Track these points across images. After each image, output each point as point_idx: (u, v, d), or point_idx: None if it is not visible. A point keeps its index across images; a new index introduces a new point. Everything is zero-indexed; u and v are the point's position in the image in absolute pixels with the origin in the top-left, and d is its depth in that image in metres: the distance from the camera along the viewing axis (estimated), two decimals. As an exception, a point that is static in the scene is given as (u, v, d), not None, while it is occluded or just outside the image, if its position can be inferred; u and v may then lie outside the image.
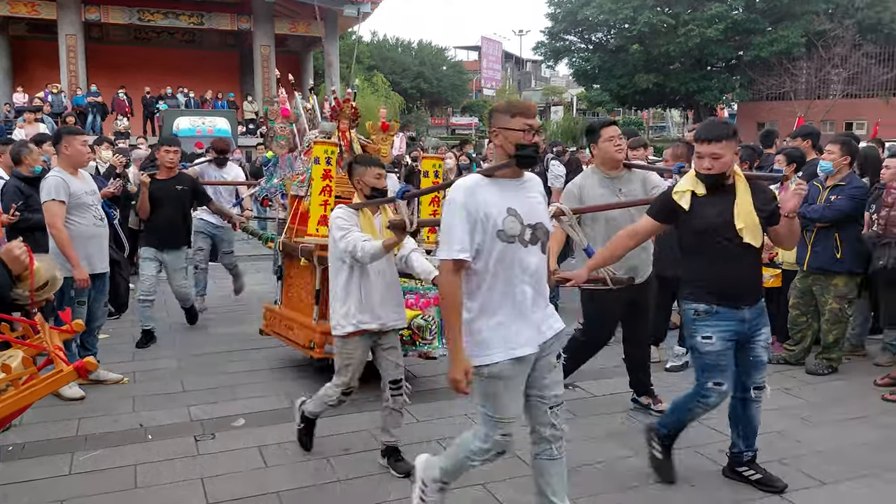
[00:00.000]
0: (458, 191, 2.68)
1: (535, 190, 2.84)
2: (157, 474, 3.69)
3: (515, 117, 2.69)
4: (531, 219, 2.73)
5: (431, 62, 46.41)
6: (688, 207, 3.31)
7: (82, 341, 4.98)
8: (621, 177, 4.28)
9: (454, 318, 2.67)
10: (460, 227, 2.63)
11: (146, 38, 27.87)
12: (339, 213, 3.63)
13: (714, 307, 3.31)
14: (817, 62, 27.97)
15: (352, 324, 3.59)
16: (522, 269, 2.70)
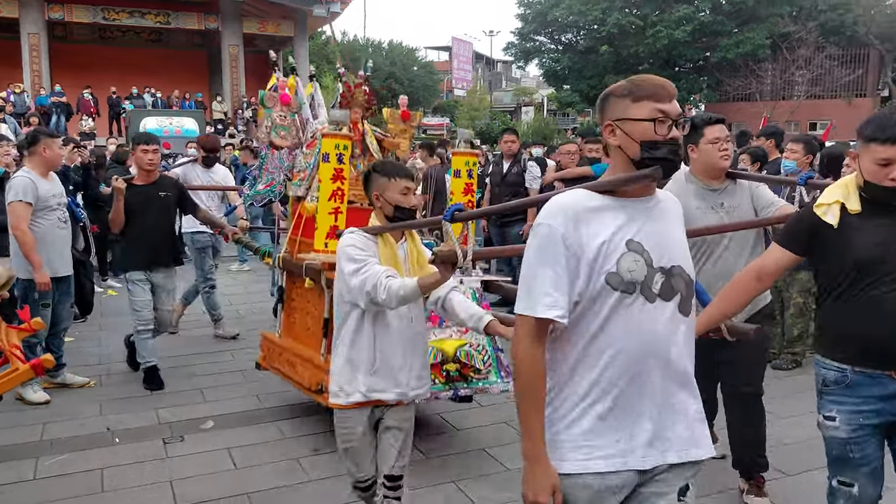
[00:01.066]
0: (555, 213, 1.76)
1: (671, 215, 1.88)
2: (125, 478, 3.64)
3: (641, 101, 1.78)
4: (664, 259, 1.79)
5: (402, 62, 46.36)
6: (836, 225, 2.37)
7: (48, 344, 4.89)
8: (724, 189, 3.32)
9: (534, 403, 1.77)
10: (553, 269, 1.73)
11: (111, 38, 27.45)
12: (350, 239, 2.67)
13: (848, 375, 2.40)
14: (782, 64, 28.53)
15: (360, 391, 2.65)
16: (646, 339, 1.75)
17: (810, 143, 5.29)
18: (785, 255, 2.51)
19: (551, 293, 1.72)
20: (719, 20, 30.14)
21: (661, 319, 1.77)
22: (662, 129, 1.76)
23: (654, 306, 1.76)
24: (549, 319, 1.73)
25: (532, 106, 52.86)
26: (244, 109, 24.77)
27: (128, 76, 24.79)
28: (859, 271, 2.34)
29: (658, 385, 1.77)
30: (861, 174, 2.36)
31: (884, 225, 2.32)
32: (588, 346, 1.76)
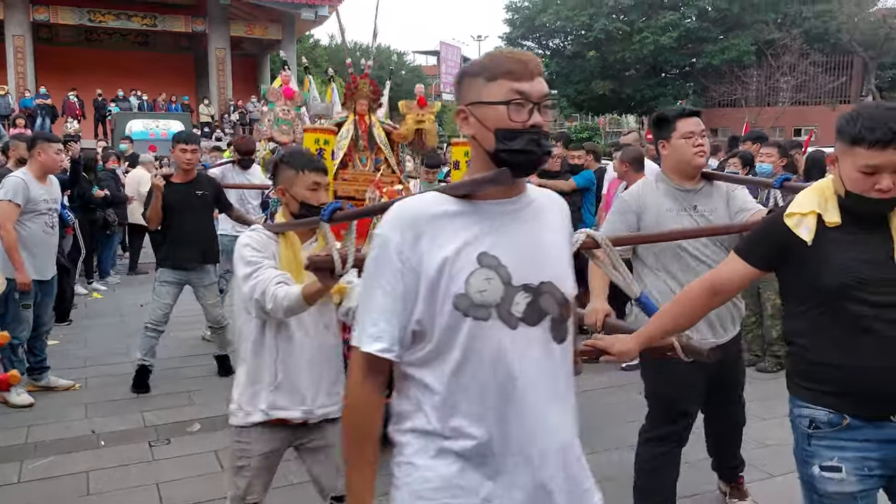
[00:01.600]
0: (392, 222, 1.46)
1: (547, 218, 1.57)
2: (111, 480, 3.62)
3: (495, 80, 1.45)
4: (530, 275, 1.47)
5: (390, 67, 46.42)
6: (811, 241, 1.95)
7: (30, 347, 4.87)
8: (699, 190, 2.95)
9: (358, 457, 1.48)
10: (383, 290, 1.44)
11: (97, 40, 27.32)
12: (247, 238, 2.41)
13: (845, 418, 1.95)
14: (767, 70, 28.79)
15: (260, 409, 2.38)
16: (511, 371, 1.44)
17: (784, 147, 5.44)
18: (746, 269, 2.07)
19: (378, 322, 1.43)
20: (705, 27, 30.41)
21: (528, 349, 1.45)
22: (520, 115, 1.42)
23: (517, 333, 1.44)
24: (374, 356, 1.43)
25: (519, 111, 52.98)
26: (231, 113, 24.71)
27: (114, 78, 24.67)
28: (836, 298, 1.91)
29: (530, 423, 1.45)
30: (841, 181, 1.92)
31: (867, 241, 1.90)
32: (452, 382, 1.43)
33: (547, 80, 1.53)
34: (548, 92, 1.48)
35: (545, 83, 1.47)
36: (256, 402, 2.38)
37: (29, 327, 4.73)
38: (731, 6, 29.60)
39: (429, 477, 1.44)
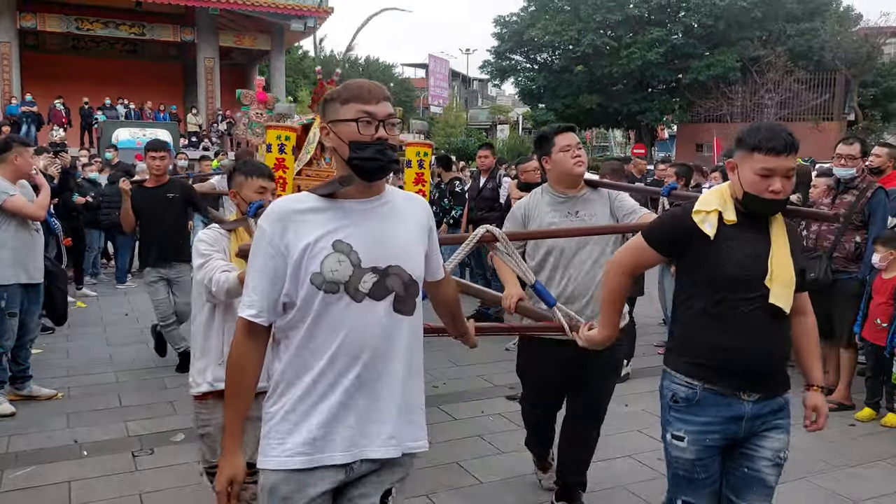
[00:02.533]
0: (267, 216, 1.82)
1: (401, 214, 1.89)
2: (93, 491, 3.58)
3: (348, 104, 1.82)
4: (377, 259, 1.80)
5: (379, 78, 46.41)
6: (713, 236, 2.22)
7: (14, 355, 4.81)
8: (580, 196, 3.26)
9: (233, 399, 1.86)
10: (256, 271, 1.80)
11: (85, 48, 27.20)
12: (203, 235, 2.84)
13: (697, 392, 2.28)
14: (752, 86, 29.11)
15: (207, 381, 2.73)
16: (353, 336, 1.78)
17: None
18: (655, 255, 2.39)
19: (251, 294, 1.82)
20: (691, 43, 30.76)
21: (372, 319, 1.79)
22: (368, 130, 1.80)
23: (362, 305, 1.79)
24: (249, 321, 1.81)
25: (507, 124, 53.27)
26: (219, 122, 24.65)
27: (101, 87, 24.56)
28: (730, 286, 2.21)
29: (369, 379, 1.80)
30: (739, 185, 2.23)
31: (755, 241, 2.22)
32: (305, 341, 1.80)
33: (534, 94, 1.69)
34: (392, 112, 1.85)
35: (391, 106, 1.85)
36: (205, 376, 2.75)
37: (14, 336, 4.68)
38: (717, 23, 29.98)
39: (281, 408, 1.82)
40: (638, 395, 5.12)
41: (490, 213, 7.13)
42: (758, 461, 2.31)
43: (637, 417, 4.72)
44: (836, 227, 4.96)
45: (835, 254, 4.94)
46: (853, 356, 4.97)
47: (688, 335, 2.35)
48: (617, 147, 49.77)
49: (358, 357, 1.79)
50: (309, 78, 40.29)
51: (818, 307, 5.12)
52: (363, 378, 1.80)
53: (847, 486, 3.73)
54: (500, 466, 3.93)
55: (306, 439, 1.79)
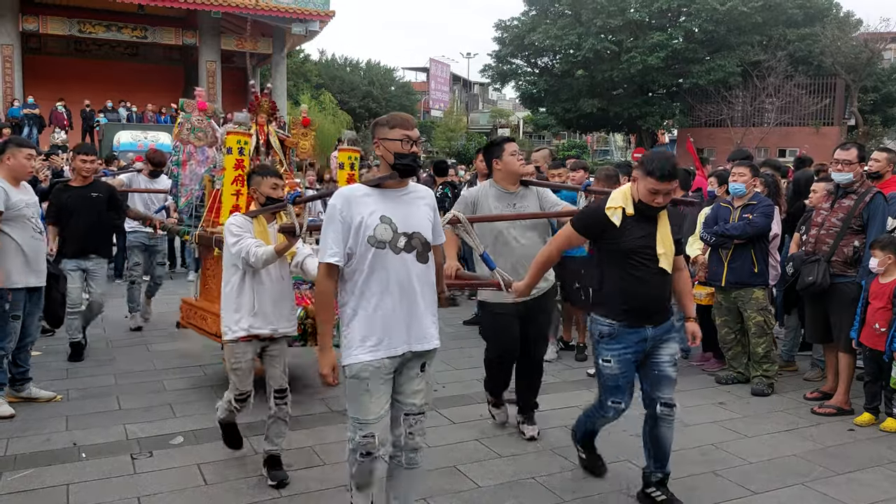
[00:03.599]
0: (337, 198, 2.87)
1: (419, 201, 2.96)
2: (92, 493, 3.58)
3: (394, 129, 2.87)
4: (407, 227, 2.85)
5: (380, 82, 46.53)
6: (619, 224, 3.33)
7: (14, 357, 4.80)
8: (518, 193, 4.32)
9: (324, 316, 2.94)
10: (333, 232, 2.82)
11: (87, 51, 27.26)
12: (233, 220, 3.78)
13: (616, 328, 3.39)
14: (752, 91, 29.11)
15: (243, 329, 3.64)
16: (396, 275, 2.82)
17: (755, 167, 5.56)
18: (578, 237, 3.52)
19: (331, 247, 2.81)
20: (692, 48, 30.74)
21: (405, 264, 2.84)
22: (406, 147, 2.85)
23: (399, 256, 2.83)
24: (332, 264, 2.81)
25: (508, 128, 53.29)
26: (220, 125, 24.64)
27: (103, 89, 24.60)
28: (629, 257, 3.34)
29: (411, 305, 2.85)
30: (637, 191, 3.33)
31: (646, 226, 3.36)
32: (365, 281, 2.83)
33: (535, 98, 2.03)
34: (419, 136, 2.93)
35: (418, 132, 2.93)
36: (241, 325, 3.65)
37: (15, 338, 4.68)
38: (717, 28, 29.97)
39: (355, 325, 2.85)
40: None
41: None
42: (662, 364, 3.48)
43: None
44: (835, 231, 4.97)
45: (833, 258, 4.94)
46: (852, 361, 4.96)
47: (607, 291, 3.44)
48: (618, 151, 49.76)
49: (398, 287, 2.83)
50: (310, 82, 40.32)
51: (817, 311, 5.19)
52: (402, 300, 2.83)
53: (846, 492, 3.72)
54: (499, 470, 3.93)
55: (375, 343, 2.81)
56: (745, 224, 5.27)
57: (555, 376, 5.70)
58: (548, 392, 5.28)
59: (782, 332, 6.28)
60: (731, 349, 5.58)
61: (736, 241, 5.31)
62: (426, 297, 2.91)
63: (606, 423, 3.74)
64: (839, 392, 4.97)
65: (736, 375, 5.57)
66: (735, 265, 5.36)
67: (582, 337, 6.30)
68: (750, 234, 5.26)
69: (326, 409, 4.85)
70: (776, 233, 5.66)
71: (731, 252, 5.37)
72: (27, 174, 4.75)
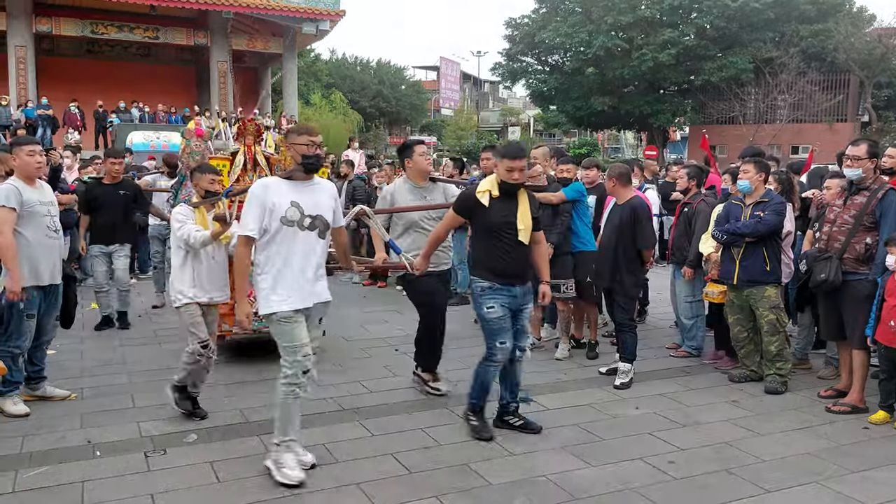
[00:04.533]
0: (257, 186, 3.75)
1: (323, 191, 3.85)
2: (106, 491, 3.61)
3: (302, 136, 3.72)
4: (312, 211, 3.73)
5: (390, 81, 46.54)
6: (487, 204, 4.18)
7: (30, 357, 4.84)
8: (427, 187, 5.18)
9: (241, 278, 3.81)
10: (252, 212, 3.65)
11: (99, 52, 27.44)
12: (178, 209, 4.68)
13: (494, 284, 4.22)
14: (764, 88, 28.96)
15: (188, 297, 4.56)
16: (301, 248, 3.69)
17: (762, 163, 5.49)
18: (458, 218, 4.40)
19: (250, 224, 3.66)
20: (703, 44, 30.60)
21: (308, 240, 3.72)
22: (311, 150, 3.71)
23: (305, 233, 3.70)
24: (249, 237, 3.67)
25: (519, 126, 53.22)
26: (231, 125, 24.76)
27: (115, 90, 24.76)
28: (494, 231, 4.19)
29: (310, 270, 3.73)
30: (498, 175, 4.22)
31: (507, 205, 4.19)
32: (277, 250, 3.68)
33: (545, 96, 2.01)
34: (322, 141, 3.79)
35: (321, 138, 3.79)
36: (186, 294, 4.56)
37: (31, 337, 4.71)
38: (729, 24, 29.82)
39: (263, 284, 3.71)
40: (650, 398, 5.11)
41: None
42: (522, 321, 4.37)
43: (648, 420, 4.70)
44: (847, 228, 4.93)
45: (845, 255, 4.90)
46: (866, 359, 4.93)
47: (481, 258, 4.35)
48: (629, 149, 49.61)
49: (303, 256, 3.71)
50: (320, 81, 40.40)
51: (831, 309, 5.15)
52: (305, 266, 3.72)
53: (860, 490, 3.69)
54: (510, 468, 3.93)
55: (284, 297, 3.66)
56: (756, 222, 5.23)
57: (567, 374, 5.69)
58: (559, 390, 5.28)
59: (795, 330, 6.24)
60: (744, 347, 5.54)
61: (747, 239, 5.27)
62: (322, 264, 3.83)
63: (497, 369, 4.32)
64: (854, 390, 4.93)
65: (749, 374, 5.54)
66: (747, 263, 5.32)
67: (594, 334, 6.28)
68: (761, 232, 5.22)
69: (339, 408, 4.86)
70: (789, 230, 5.62)
71: (742, 250, 5.33)
72: (35, 170, 4.77)
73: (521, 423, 4.43)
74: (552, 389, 5.29)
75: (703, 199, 6.13)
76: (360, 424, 4.55)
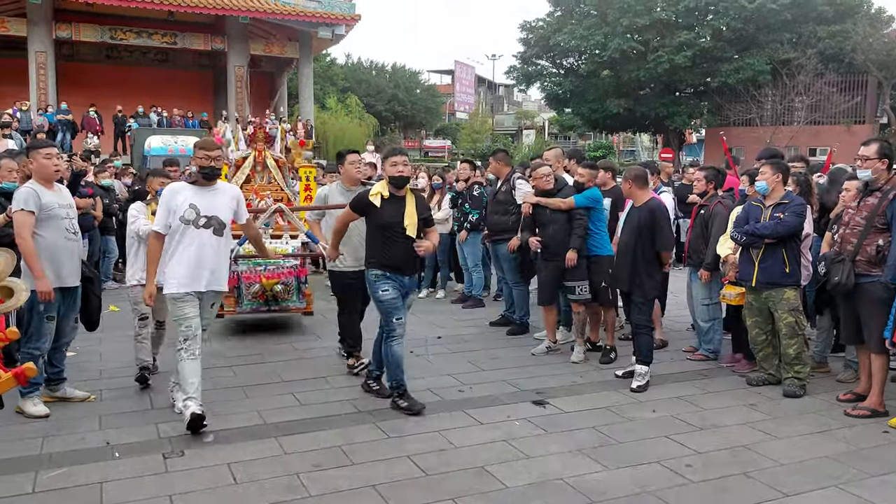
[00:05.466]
0: (166, 190, 4.59)
1: (223, 195, 4.63)
2: (125, 492, 3.64)
3: (200, 150, 4.56)
4: (208, 212, 4.50)
5: (405, 85, 46.67)
6: (378, 205, 4.81)
7: (50, 358, 4.89)
8: (356, 190, 5.70)
9: (152, 266, 4.52)
10: (161, 212, 4.50)
11: (118, 57, 27.72)
12: (133, 206, 5.54)
13: (386, 273, 4.83)
14: (782, 90, 28.70)
15: (137, 278, 5.31)
16: (196, 243, 4.47)
17: (779, 163, 5.45)
18: (353, 214, 5.01)
19: (159, 221, 4.48)
20: (720, 46, 30.37)
21: (204, 237, 4.49)
22: (207, 161, 4.53)
23: (200, 231, 4.47)
24: (158, 232, 4.48)
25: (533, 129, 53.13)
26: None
27: (134, 95, 25.01)
28: (384, 229, 4.81)
29: (204, 262, 4.49)
30: (385, 173, 5.01)
31: (395, 205, 4.83)
32: (178, 244, 4.48)
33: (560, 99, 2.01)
34: (219, 154, 4.66)
35: (219, 151, 4.67)
36: (136, 277, 5.33)
37: (50, 339, 4.75)
38: (746, 26, 29.59)
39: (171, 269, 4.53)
40: (667, 401, 5.08)
41: (504, 216, 7.09)
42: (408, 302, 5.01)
43: (665, 423, 4.68)
44: (859, 230, 4.88)
45: (857, 257, 4.86)
46: (885, 362, 4.87)
47: (374, 251, 4.89)
48: (644, 151, 49.37)
49: (198, 249, 4.48)
50: (336, 85, 40.57)
51: (849, 312, 5.09)
52: (200, 258, 4.48)
53: (880, 494, 3.66)
54: (526, 471, 3.92)
55: (182, 281, 4.45)
56: (776, 223, 5.19)
57: (582, 377, 5.68)
58: (575, 393, 5.27)
59: (814, 333, 6.18)
60: (762, 350, 5.50)
61: (767, 240, 5.23)
62: (219, 257, 4.57)
63: (400, 343, 4.84)
64: (873, 393, 4.88)
65: (767, 377, 5.49)
66: (766, 265, 5.27)
67: (610, 339, 6.26)
68: (781, 233, 5.17)
69: (354, 410, 4.88)
70: (808, 232, 5.58)
71: (762, 251, 5.29)
72: (53, 173, 4.81)
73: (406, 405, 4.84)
74: (568, 392, 5.27)
75: (720, 202, 6.09)
76: (375, 426, 4.56)
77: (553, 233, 6.07)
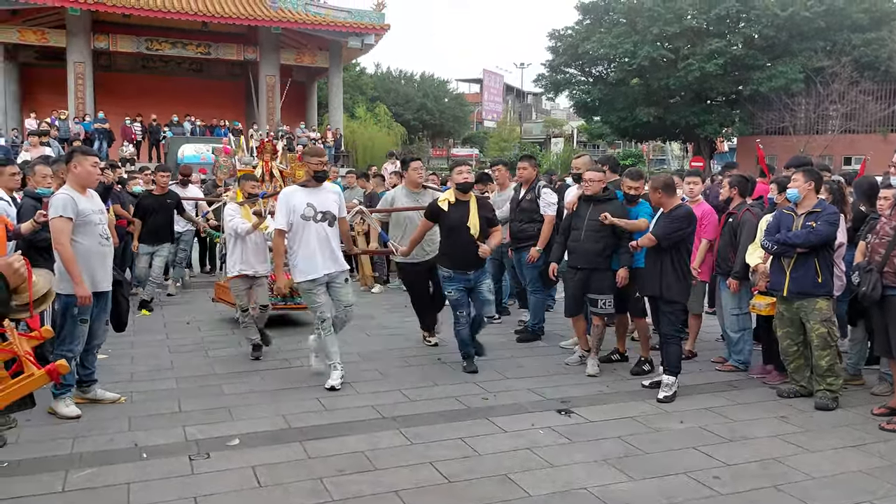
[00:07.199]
0: (283, 192, 5.55)
1: (331, 192, 5.54)
2: (151, 493, 3.68)
3: (314, 157, 5.43)
4: (322, 208, 5.39)
5: (434, 94, 46.87)
6: (446, 210, 5.72)
7: (81, 360, 4.98)
8: (419, 193, 6.88)
9: (279, 259, 5.45)
10: (281, 211, 5.36)
11: (154, 67, 28.29)
12: (229, 207, 6.51)
13: (452, 273, 5.76)
14: (815, 98, 28.27)
15: (237, 269, 6.30)
16: (315, 235, 5.34)
17: (811, 171, 5.34)
18: (428, 224, 5.94)
19: (280, 220, 5.39)
20: (752, 54, 30.03)
21: (320, 229, 5.40)
22: (320, 166, 5.47)
23: (318, 224, 5.39)
24: (281, 229, 5.39)
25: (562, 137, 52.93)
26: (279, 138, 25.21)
27: (168, 104, 25.50)
28: (452, 230, 5.70)
29: (325, 249, 5.41)
30: (453, 186, 5.89)
31: (461, 209, 5.70)
32: (299, 238, 5.38)
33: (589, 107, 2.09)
34: (326, 160, 5.68)
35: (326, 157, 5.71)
36: (236, 268, 6.31)
37: (83, 342, 4.84)
38: (778, 34, 29.23)
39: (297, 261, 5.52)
40: (695, 412, 5.01)
41: (530, 224, 6.92)
42: (483, 293, 5.85)
43: (693, 434, 4.61)
44: (888, 240, 4.77)
45: (885, 268, 4.74)
46: (922, 375, 4.75)
47: (444, 250, 5.86)
48: (675, 160, 48.88)
49: (318, 240, 5.37)
50: (365, 94, 40.88)
51: (880, 323, 4.96)
52: (320, 247, 5.38)
53: (916, 511, 3.55)
54: (550, 480, 3.89)
55: (309, 269, 5.37)
56: (808, 232, 5.09)
57: (609, 387, 5.62)
58: (600, 403, 5.21)
59: (847, 345, 6.05)
60: (794, 361, 5.39)
61: (798, 249, 5.13)
62: (333, 244, 5.44)
63: (465, 328, 5.86)
64: (906, 405, 4.76)
65: (798, 389, 5.38)
66: (797, 274, 5.17)
67: (645, 351, 6.11)
68: (813, 242, 5.07)
69: (378, 416, 4.88)
70: (841, 241, 5.47)
71: (793, 261, 5.18)
72: (93, 182, 4.92)
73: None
74: (593, 402, 5.22)
75: (749, 209, 6.00)
76: (399, 432, 4.56)
77: (583, 239, 5.89)
